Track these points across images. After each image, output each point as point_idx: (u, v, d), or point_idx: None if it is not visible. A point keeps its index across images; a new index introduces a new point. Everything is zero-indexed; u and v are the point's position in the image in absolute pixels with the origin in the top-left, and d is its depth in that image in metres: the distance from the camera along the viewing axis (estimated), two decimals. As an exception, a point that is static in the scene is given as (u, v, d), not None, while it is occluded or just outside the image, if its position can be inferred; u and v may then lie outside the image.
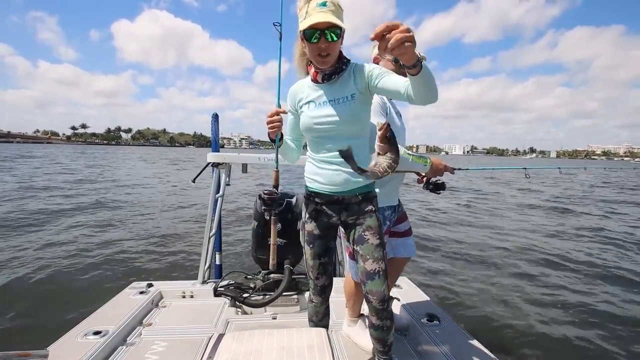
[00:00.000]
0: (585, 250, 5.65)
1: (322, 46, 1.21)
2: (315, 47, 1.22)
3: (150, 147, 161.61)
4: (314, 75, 1.34)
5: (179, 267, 4.38)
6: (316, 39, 1.20)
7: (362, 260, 1.37)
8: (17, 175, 14.39)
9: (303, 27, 1.19)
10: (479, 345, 1.75)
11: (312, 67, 1.35)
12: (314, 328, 1.95)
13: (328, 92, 1.33)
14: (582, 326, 3.16)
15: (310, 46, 1.24)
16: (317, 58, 1.26)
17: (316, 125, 1.33)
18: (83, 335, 1.68)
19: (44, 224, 6.28)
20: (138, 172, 19.32)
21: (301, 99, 1.39)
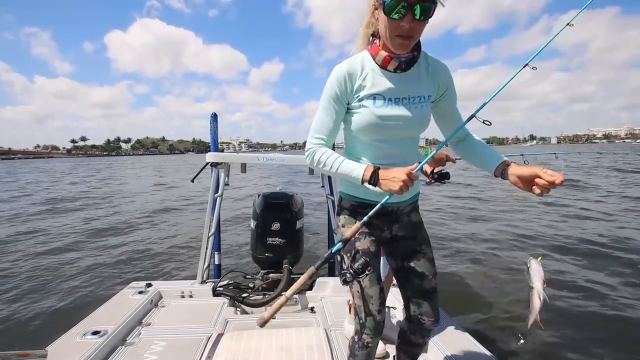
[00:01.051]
0: (592, 240, 5.63)
1: (406, 26, 0.93)
2: (397, 25, 0.94)
3: (150, 156, 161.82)
4: (385, 60, 1.02)
5: (178, 267, 4.36)
6: (399, 15, 0.92)
7: (419, 278, 1.18)
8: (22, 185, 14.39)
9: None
10: (478, 345, 1.74)
11: (380, 47, 1.04)
12: (312, 327, 1.94)
13: (401, 86, 1.05)
14: (584, 326, 3.14)
15: (390, 22, 0.95)
16: (396, 39, 0.97)
17: (383, 128, 1.06)
18: (82, 335, 1.68)
19: (44, 224, 6.28)
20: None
21: (362, 87, 1.05)
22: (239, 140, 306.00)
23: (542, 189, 0.94)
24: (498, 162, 1.07)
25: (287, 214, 2.41)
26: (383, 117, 1.05)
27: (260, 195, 2.51)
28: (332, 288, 2.37)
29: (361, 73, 1.05)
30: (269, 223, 2.36)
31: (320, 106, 1.10)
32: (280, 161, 2.44)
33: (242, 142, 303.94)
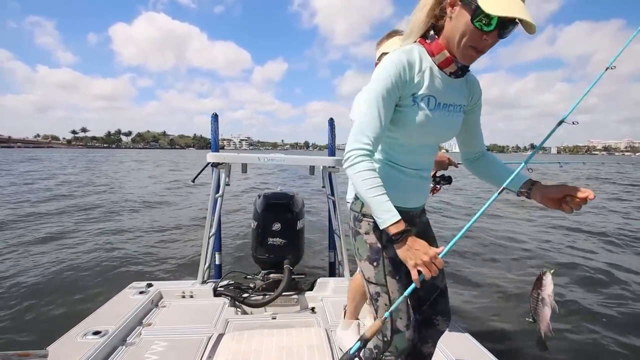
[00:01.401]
0: (595, 249, 5.64)
1: (489, 41, 0.87)
2: (480, 36, 0.87)
3: (150, 150, 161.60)
4: (447, 60, 0.95)
5: (179, 267, 4.37)
6: (489, 28, 0.85)
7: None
8: (22, 177, 14.42)
9: (491, 10, 0.81)
10: (478, 345, 1.75)
11: (442, 46, 0.95)
12: (313, 328, 1.95)
13: (451, 92, 1.01)
14: (586, 326, 3.15)
15: (473, 31, 0.86)
16: (469, 50, 0.90)
17: (428, 133, 1.01)
18: (83, 335, 1.68)
19: (45, 224, 6.28)
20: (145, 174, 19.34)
21: (419, 84, 0.96)
22: (240, 138, 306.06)
23: (575, 206, 0.94)
24: (522, 180, 1.05)
25: (288, 214, 2.41)
26: (433, 122, 0.99)
27: (260, 195, 2.51)
28: (332, 288, 2.38)
29: (420, 68, 0.96)
30: (269, 223, 2.36)
31: (369, 100, 0.94)
32: (281, 161, 2.44)
33: (243, 139, 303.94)
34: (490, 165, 1.16)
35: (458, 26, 0.88)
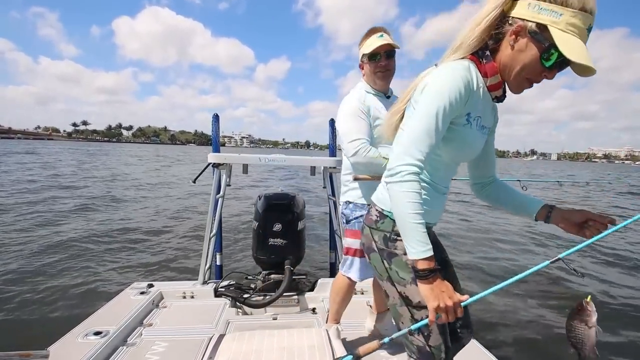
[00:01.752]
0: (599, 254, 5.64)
1: (550, 77, 0.87)
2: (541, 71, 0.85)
3: (151, 145, 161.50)
4: (497, 85, 0.93)
5: (180, 267, 4.38)
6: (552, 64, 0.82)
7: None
8: (23, 171, 14.42)
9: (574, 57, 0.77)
10: (479, 345, 1.75)
11: (497, 69, 0.91)
12: (314, 328, 1.95)
13: (488, 114, 1.02)
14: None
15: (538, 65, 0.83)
16: (524, 83, 0.90)
17: (471, 153, 1.03)
18: (84, 336, 1.69)
19: (45, 224, 6.29)
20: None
21: (475, 104, 0.94)
22: (241, 136, 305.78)
23: (596, 231, 0.94)
24: (539, 205, 1.05)
25: (289, 215, 2.41)
26: (477, 142, 0.99)
27: (261, 196, 2.51)
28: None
29: (476, 87, 0.91)
30: (270, 224, 2.36)
31: (427, 113, 0.86)
32: (282, 161, 2.44)
33: (244, 137, 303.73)
34: (502, 191, 1.15)
35: (521, 58, 0.85)
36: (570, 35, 0.77)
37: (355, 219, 1.70)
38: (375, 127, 1.67)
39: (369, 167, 1.65)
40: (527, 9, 0.81)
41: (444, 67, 0.91)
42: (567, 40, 0.77)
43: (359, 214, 1.69)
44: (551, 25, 0.78)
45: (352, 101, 1.67)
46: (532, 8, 0.80)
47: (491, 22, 0.87)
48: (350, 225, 1.73)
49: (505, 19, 0.86)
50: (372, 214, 1.07)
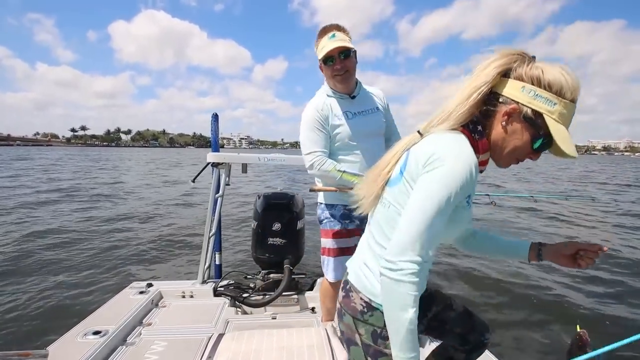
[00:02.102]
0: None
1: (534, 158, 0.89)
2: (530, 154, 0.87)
3: (150, 149, 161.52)
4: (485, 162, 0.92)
5: (179, 267, 4.38)
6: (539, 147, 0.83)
7: (451, 309, 1.20)
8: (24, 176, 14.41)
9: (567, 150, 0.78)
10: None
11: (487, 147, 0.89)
12: (313, 327, 1.95)
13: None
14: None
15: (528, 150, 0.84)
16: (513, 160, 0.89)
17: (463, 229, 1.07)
18: (83, 335, 1.68)
19: (44, 223, 6.28)
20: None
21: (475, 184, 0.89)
22: (240, 137, 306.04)
23: (589, 260, 0.94)
24: (527, 246, 1.03)
25: (288, 215, 2.41)
26: (470, 218, 0.94)
27: (261, 195, 2.51)
28: None
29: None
30: (269, 223, 2.36)
31: (432, 204, 0.75)
32: (281, 161, 2.45)
33: (243, 138, 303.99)
34: (485, 240, 1.12)
35: (514, 140, 0.83)
36: (560, 125, 0.78)
37: (326, 219, 1.76)
38: (337, 135, 1.66)
39: (324, 179, 1.69)
40: (522, 91, 0.79)
41: (449, 142, 0.80)
42: (560, 130, 0.78)
43: (328, 213, 1.75)
44: (547, 114, 0.78)
45: (309, 112, 1.65)
46: (528, 93, 0.79)
47: (482, 97, 0.83)
48: (323, 226, 1.78)
49: (496, 96, 0.83)
50: (355, 302, 0.93)
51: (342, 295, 0.99)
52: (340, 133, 1.66)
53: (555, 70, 0.77)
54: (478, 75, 0.83)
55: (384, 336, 0.89)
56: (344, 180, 1.63)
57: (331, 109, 1.65)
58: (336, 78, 1.61)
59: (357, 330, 0.94)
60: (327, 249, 1.76)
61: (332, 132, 1.66)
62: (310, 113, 1.64)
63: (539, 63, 0.81)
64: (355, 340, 0.94)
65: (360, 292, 0.93)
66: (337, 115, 1.65)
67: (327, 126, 1.64)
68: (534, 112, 0.79)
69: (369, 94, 1.79)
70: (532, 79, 0.79)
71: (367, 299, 0.92)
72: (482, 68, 0.83)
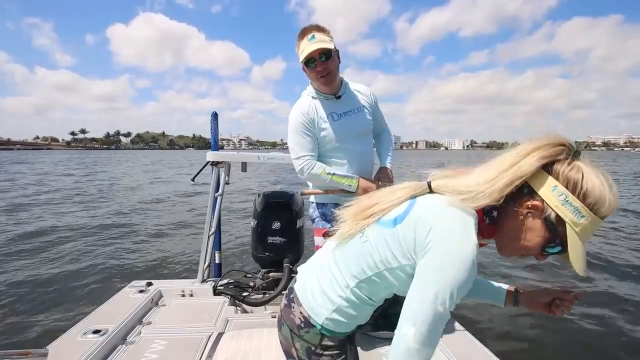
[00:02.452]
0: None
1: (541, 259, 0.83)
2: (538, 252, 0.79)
3: (150, 151, 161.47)
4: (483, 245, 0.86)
5: (179, 265, 4.38)
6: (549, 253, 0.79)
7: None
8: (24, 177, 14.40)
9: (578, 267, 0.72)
10: (480, 345, 1.75)
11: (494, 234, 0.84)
12: None
13: None
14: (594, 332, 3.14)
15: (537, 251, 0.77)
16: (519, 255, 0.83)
17: None
18: (82, 334, 1.68)
19: (44, 223, 6.28)
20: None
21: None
22: (239, 138, 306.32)
23: (565, 309, 0.93)
24: (505, 290, 1.02)
25: (288, 213, 2.40)
26: None
27: (260, 194, 2.51)
28: None
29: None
30: (269, 222, 2.36)
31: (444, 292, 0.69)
32: (281, 160, 2.45)
33: (242, 139, 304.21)
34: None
35: (527, 237, 0.76)
36: (580, 240, 0.70)
37: (317, 218, 1.80)
38: (324, 137, 1.66)
39: (314, 182, 1.73)
40: (552, 191, 0.70)
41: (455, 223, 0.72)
42: (577, 247, 0.70)
43: (319, 212, 1.80)
44: (571, 224, 0.69)
45: (295, 116, 1.65)
46: (558, 195, 0.69)
47: (513, 184, 0.72)
48: (315, 224, 1.83)
49: (524, 184, 0.73)
50: (295, 314, 0.91)
51: (284, 303, 0.96)
52: (327, 136, 1.66)
53: (597, 180, 0.67)
54: (517, 160, 0.72)
55: (318, 353, 0.89)
56: (334, 183, 1.65)
57: (317, 112, 1.65)
58: (320, 80, 1.60)
59: (294, 344, 0.92)
60: (320, 246, 1.77)
61: (318, 135, 1.66)
62: (296, 117, 1.64)
63: (582, 163, 0.70)
64: (292, 353, 0.93)
65: (302, 306, 0.90)
66: (323, 118, 1.65)
67: (313, 129, 1.65)
68: (557, 218, 0.70)
69: (354, 92, 1.78)
70: (568, 181, 0.69)
71: (306, 314, 0.89)
72: (523, 152, 0.72)
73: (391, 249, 0.78)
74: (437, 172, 0.86)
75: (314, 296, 0.89)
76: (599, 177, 0.68)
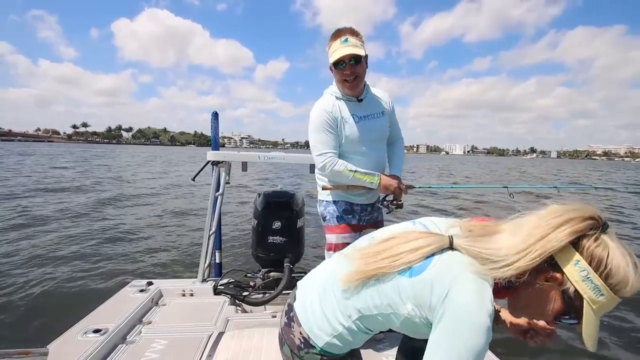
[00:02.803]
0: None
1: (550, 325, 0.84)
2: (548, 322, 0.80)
3: (151, 146, 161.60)
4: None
5: (179, 265, 4.38)
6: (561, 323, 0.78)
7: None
8: (23, 173, 14.42)
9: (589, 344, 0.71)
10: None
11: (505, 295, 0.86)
12: None
13: None
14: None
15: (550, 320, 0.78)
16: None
17: None
18: (83, 333, 1.68)
19: (44, 223, 6.29)
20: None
21: None
22: (241, 136, 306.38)
23: (538, 341, 0.93)
24: None
25: (288, 213, 2.40)
26: None
27: (261, 194, 2.51)
28: None
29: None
30: (270, 222, 2.36)
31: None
32: (281, 159, 2.45)
33: (244, 137, 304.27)
34: None
35: (539, 304, 0.75)
36: (596, 318, 0.68)
37: (329, 215, 1.79)
38: (346, 137, 1.67)
39: (336, 180, 1.70)
40: (574, 265, 0.68)
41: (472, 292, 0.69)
42: (591, 324, 0.68)
43: (331, 209, 1.78)
44: (589, 302, 0.67)
45: (319, 113, 1.65)
46: (580, 271, 0.67)
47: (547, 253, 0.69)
48: (327, 222, 1.81)
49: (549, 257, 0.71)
50: (295, 334, 0.91)
51: (284, 322, 0.96)
52: (349, 136, 1.67)
53: (623, 261, 0.65)
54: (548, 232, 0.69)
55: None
56: (356, 180, 1.65)
57: (340, 111, 1.66)
58: (345, 83, 1.63)
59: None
60: (333, 244, 1.78)
61: (340, 135, 1.67)
62: (320, 114, 1.64)
63: (609, 238, 0.68)
64: None
65: (302, 327, 0.90)
66: (345, 118, 1.66)
67: (336, 128, 1.65)
68: (575, 293, 0.69)
69: (375, 97, 1.79)
70: (592, 258, 0.67)
71: (306, 335, 0.89)
72: (554, 224, 0.69)
73: (401, 297, 0.77)
74: (460, 224, 0.83)
75: (315, 319, 0.88)
76: (624, 257, 0.65)
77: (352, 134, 1.67)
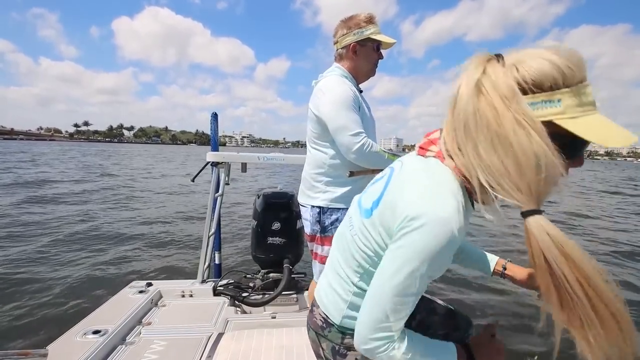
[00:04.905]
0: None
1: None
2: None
3: (153, 145, 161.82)
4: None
5: (179, 266, 4.38)
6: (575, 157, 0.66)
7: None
8: (21, 172, 14.45)
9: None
10: None
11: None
12: None
13: None
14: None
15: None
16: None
17: None
18: (82, 335, 1.68)
19: (44, 222, 6.29)
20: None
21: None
22: (242, 135, 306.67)
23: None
24: (494, 260, 1.07)
25: (288, 214, 2.41)
26: None
27: (260, 195, 2.51)
28: None
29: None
30: (269, 223, 2.36)
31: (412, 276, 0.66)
32: (281, 160, 2.44)
33: (245, 136, 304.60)
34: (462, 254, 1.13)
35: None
36: (585, 116, 0.58)
37: (332, 225, 1.58)
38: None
39: (369, 162, 1.50)
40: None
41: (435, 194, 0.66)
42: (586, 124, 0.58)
43: (335, 218, 1.57)
44: (556, 118, 0.58)
45: (345, 89, 1.49)
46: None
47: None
48: (328, 232, 1.58)
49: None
50: (316, 317, 0.94)
51: (309, 310, 1.01)
52: (363, 123, 1.54)
53: (535, 62, 0.58)
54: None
55: (342, 353, 0.89)
56: (389, 162, 1.45)
57: (358, 97, 1.55)
58: (372, 68, 1.64)
59: (321, 345, 0.94)
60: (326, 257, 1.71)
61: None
62: (348, 90, 1.48)
63: (508, 57, 0.61)
64: (320, 354, 0.95)
65: (320, 308, 0.93)
66: (360, 102, 1.55)
67: (358, 111, 1.52)
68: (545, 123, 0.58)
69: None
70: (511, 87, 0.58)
71: (324, 315, 0.91)
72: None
73: (375, 238, 0.75)
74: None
75: (327, 295, 0.91)
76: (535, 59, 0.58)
77: (366, 122, 1.56)
